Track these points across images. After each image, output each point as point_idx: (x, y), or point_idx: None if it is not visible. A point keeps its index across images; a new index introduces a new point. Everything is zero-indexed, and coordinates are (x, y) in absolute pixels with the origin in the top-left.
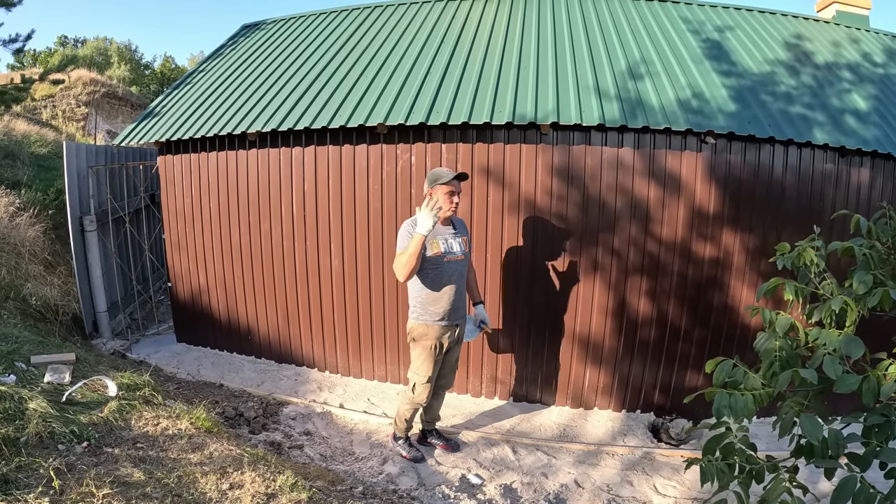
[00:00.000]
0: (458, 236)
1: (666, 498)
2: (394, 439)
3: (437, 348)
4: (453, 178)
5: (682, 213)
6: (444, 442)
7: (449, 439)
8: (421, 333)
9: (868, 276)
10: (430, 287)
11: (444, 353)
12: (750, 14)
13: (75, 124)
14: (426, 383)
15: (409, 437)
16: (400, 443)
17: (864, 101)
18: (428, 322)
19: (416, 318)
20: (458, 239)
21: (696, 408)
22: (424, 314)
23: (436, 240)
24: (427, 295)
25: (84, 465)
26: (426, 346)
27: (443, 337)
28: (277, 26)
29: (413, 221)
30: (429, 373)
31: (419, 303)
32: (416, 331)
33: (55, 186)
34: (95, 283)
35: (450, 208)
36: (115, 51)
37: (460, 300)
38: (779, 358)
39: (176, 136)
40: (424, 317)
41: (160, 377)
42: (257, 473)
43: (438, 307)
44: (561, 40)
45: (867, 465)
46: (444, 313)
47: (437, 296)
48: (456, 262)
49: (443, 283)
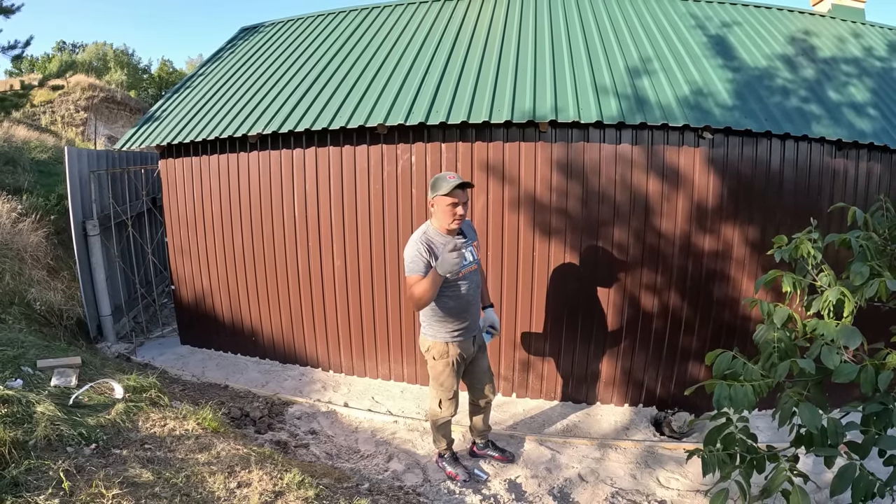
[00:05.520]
0: (468, 244)
1: (669, 490)
2: (439, 457)
3: (458, 362)
4: (455, 188)
5: (682, 207)
6: (500, 453)
7: (504, 450)
8: (441, 352)
9: (865, 267)
10: (447, 304)
11: (469, 363)
12: (746, 10)
13: (74, 129)
14: (452, 397)
15: (456, 452)
16: (446, 458)
17: (861, 95)
18: (447, 340)
19: (433, 336)
20: (469, 247)
21: (698, 401)
22: (441, 331)
23: None
24: (445, 313)
25: (93, 467)
26: (447, 363)
27: (463, 351)
28: (276, 29)
29: (422, 240)
30: (453, 387)
31: (435, 321)
32: (436, 349)
33: (56, 192)
34: (99, 287)
35: (453, 221)
36: (112, 55)
37: (477, 311)
38: (777, 349)
39: (177, 139)
40: (442, 334)
41: (165, 379)
42: (264, 472)
43: (456, 324)
44: (558, 38)
45: (866, 453)
46: (463, 329)
47: (455, 312)
48: (470, 273)
49: (460, 298)
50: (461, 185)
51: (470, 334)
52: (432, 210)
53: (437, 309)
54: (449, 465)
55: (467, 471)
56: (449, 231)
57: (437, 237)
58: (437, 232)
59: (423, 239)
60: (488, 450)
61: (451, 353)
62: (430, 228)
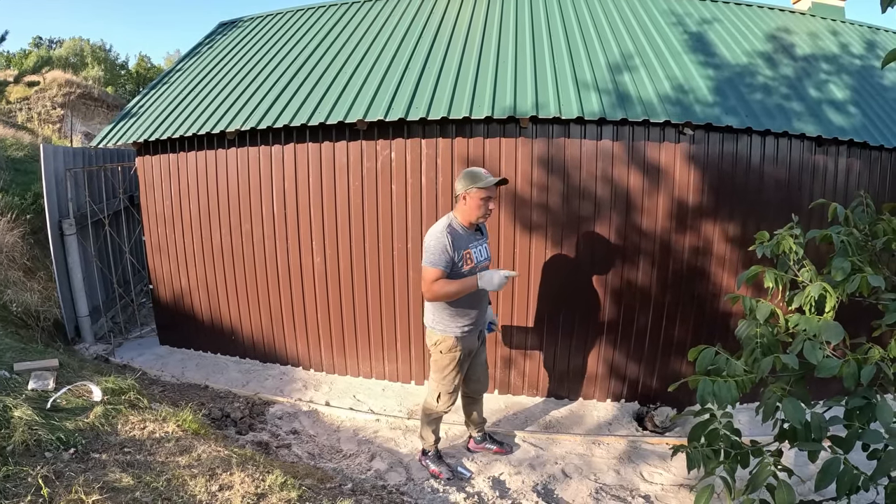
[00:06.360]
0: (483, 241)
1: (653, 485)
2: (423, 455)
3: (465, 357)
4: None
5: (663, 203)
6: (498, 445)
7: (502, 443)
8: (451, 346)
9: (846, 262)
10: (462, 299)
11: (473, 357)
12: (727, 7)
13: (51, 126)
14: (452, 393)
15: (440, 450)
16: (430, 456)
17: (841, 92)
18: (457, 334)
19: (442, 331)
20: (484, 244)
21: (680, 396)
22: (452, 326)
23: (469, 251)
24: (458, 307)
25: (72, 472)
26: (454, 358)
27: (470, 345)
28: (255, 24)
29: (447, 233)
30: (455, 381)
31: (448, 315)
32: (445, 343)
33: (33, 190)
34: (76, 288)
35: (483, 215)
36: (89, 51)
37: (486, 306)
38: (760, 344)
39: (154, 136)
40: (452, 328)
41: (145, 380)
42: (246, 474)
43: (468, 318)
44: (539, 34)
45: (850, 447)
46: (473, 322)
47: (467, 307)
48: (485, 270)
49: (474, 294)
50: (500, 181)
51: (477, 329)
52: (462, 203)
53: (451, 304)
54: (433, 463)
55: (451, 468)
56: (472, 224)
57: (459, 230)
58: (460, 225)
59: (448, 232)
60: (486, 443)
61: (460, 348)
62: (454, 220)
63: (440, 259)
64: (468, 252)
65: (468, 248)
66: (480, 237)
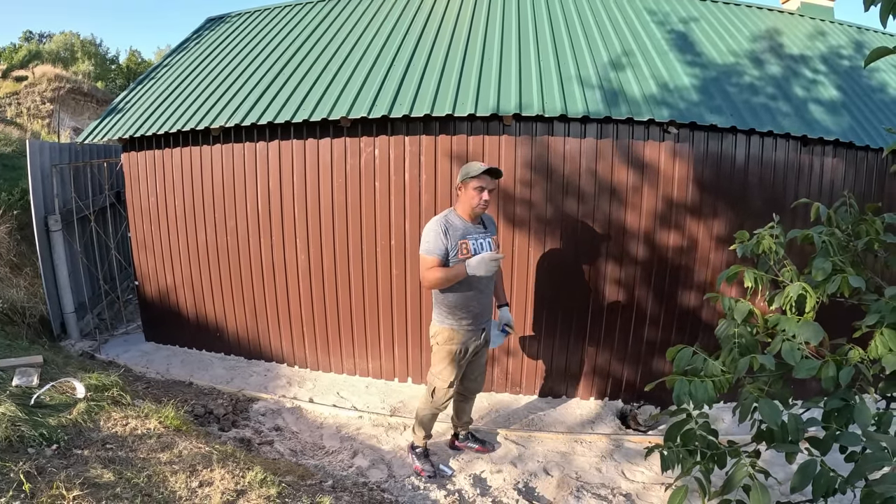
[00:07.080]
0: (487, 236)
1: (634, 483)
2: (411, 449)
3: (463, 353)
4: (483, 173)
5: (647, 202)
6: (480, 444)
7: (484, 441)
8: (447, 338)
9: (827, 262)
10: (458, 290)
11: (473, 356)
12: (715, 5)
13: (41, 122)
14: (448, 388)
15: (428, 448)
16: (417, 452)
17: (827, 92)
18: (454, 326)
19: (440, 322)
20: (488, 239)
21: (664, 394)
22: (450, 318)
23: (466, 241)
24: (455, 298)
25: (54, 468)
26: (450, 351)
27: (469, 341)
28: (242, 19)
29: (442, 222)
30: (451, 377)
31: (446, 306)
32: (442, 335)
33: (20, 186)
34: (62, 284)
35: (478, 205)
36: (79, 45)
37: (488, 303)
38: (738, 344)
39: (139, 132)
40: (450, 321)
41: (129, 377)
42: (227, 470)
43: (466, 311)
44: (525, 32)
45: (827, 448)
46: (472, 317)
47: (466, 299)
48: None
49: (472, 286)
50: (489, 171)
51: (479, 326)
52: (459, 194)
53: (449, 296)
54: (418, 460)
55: (433, 466)
56: (471, 216)
57: (456, 220)
58: (458, 216)
59: (443, 221)
60: (469, 442)
61: (457, 340)
62: (452, 212)
63: (434, 247)
64: (465, 242)
65: (465, 239)
66: (483, 231)
